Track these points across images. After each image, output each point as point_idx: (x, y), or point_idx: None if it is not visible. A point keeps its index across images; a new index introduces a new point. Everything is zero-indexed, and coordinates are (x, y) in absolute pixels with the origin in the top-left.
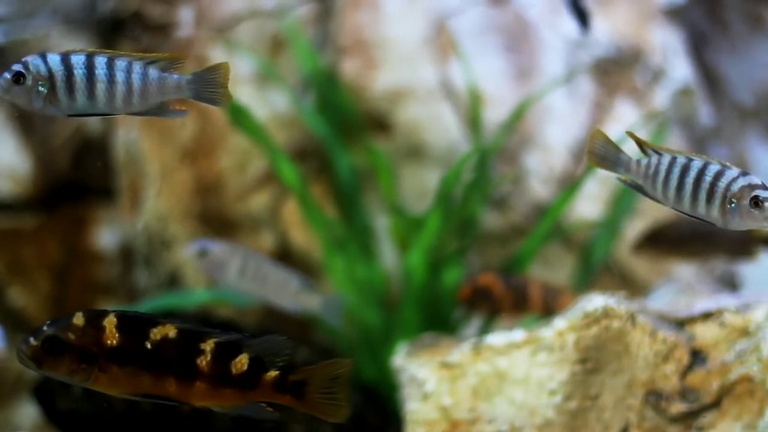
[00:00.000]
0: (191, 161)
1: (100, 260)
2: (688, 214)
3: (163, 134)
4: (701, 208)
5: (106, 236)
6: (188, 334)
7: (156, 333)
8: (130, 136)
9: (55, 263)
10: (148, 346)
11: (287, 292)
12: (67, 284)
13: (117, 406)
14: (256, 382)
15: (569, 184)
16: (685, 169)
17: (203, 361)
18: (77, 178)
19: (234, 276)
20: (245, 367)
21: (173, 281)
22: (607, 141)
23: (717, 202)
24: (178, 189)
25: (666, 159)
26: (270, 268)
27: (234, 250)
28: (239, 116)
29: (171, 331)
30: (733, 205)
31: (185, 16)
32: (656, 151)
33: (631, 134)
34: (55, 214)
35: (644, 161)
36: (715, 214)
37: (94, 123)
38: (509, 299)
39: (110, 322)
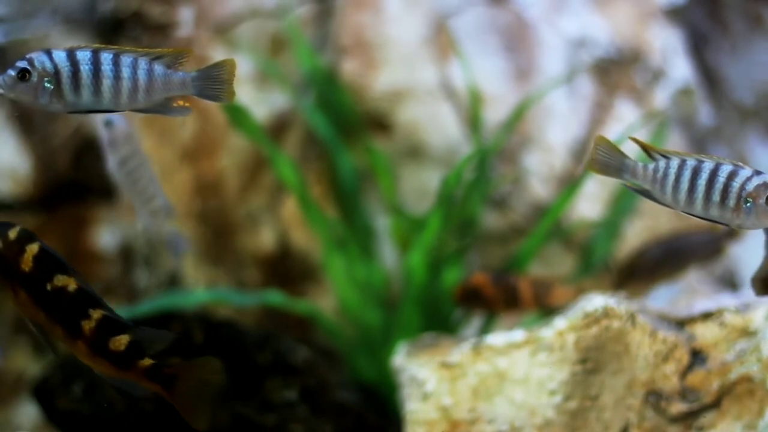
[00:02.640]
0: (191, 161)
1: (100, 260)
2: (699, 217)
3: (163, 134)
4: (714, 210)
5: (106, 236)
6: (83, 296)
7: (59, 280)
8: None
9: None
10: (48, 287)
11: (149, 205)
12: None
13: (117, 406)
14: (130, 365)
15: (569, 184)
16: (696, 171)
17: (87, 326)
18: (77, 178)
19: (115, 161)
20: (122, 348)
21: (173, 281)
22: (611, 147)
23: (731, 202)
24: (178, 189)
25: (675, 162)
26: (147, 174)
27: (128, 140)
28: (238, 117)
29: (71, 285)
30: (748, 204)
31: (185, 16)
32: (663, 155)
33: (635, 140)
34: (55, 214)
35: (651, 166)
36: (728, 216)
37: (94, 123)
38: (500, 298)
39: (32, 250)
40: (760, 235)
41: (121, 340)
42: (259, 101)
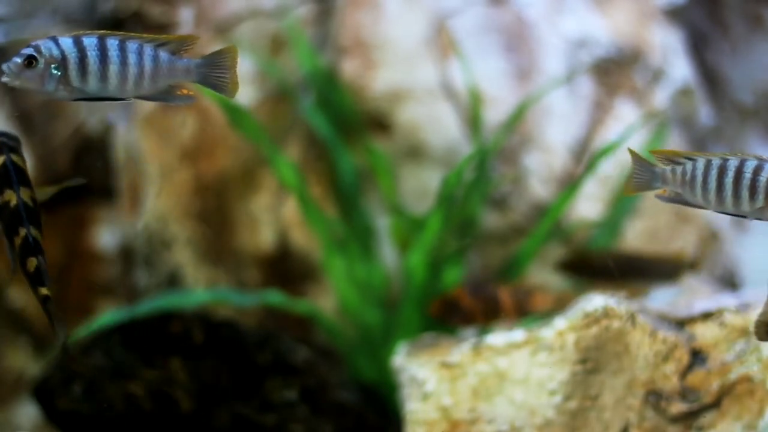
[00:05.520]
0: (191, 161)
1: (100, 260)
2: (732, 214)
3: (163, 134)
4: (744, 207)
5: (106, 236)
6: (15, 215)
7: (6, 195)
8: (130, 136)
9: (55, 263)
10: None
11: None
12: (67, 284)
13: (117, 406)
14: (34, 288)
15: (569, 184)
16: (722, 170)
17: (16, 242)
18: (77, 177)
19: None
20: (31, 270)
21: (173, 281)
22: (639, 158)
23: (760, 197)
24: (178, 189)
25: (701, 163)
26: None
27: None
28: (238, 117)
29: (13, 201)
30: None
31: (185, 16)
32: (689, 157)
33: (658, 151)
34: (55, 214)
35: (679, 169)
36: (759, 211)
37: (94, 122)
38: (479, 309)
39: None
40: (759, 237)
41: (32, 262)
42: (259, 101)
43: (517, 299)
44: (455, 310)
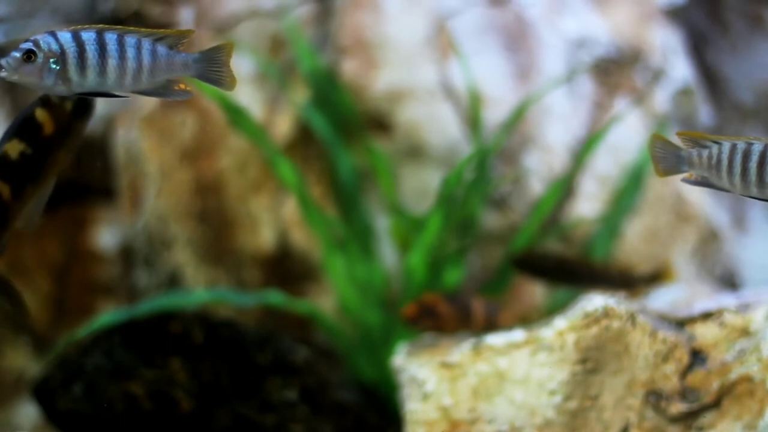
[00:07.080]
0: (191, 161)
1: (100, 260)
2: (758, 198)
3: (163, 134)
4: None
5: (106, 236)
6: None
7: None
8: (130, 136)
9: (55, 263)
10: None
11: None
12: (67, 284)
13: (117, 406)
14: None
15: (559, 180)
16: (746, 155)
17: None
18: (77, 178)
19: None
20: None
21: (173, 281)
22: (666, 143)
23: None
24: (178, 189)
25: (726, 147)
26: None
27: None
28: (238, 117)
29: None
30: None
31: (185, 16)
32: (715, 141)
33: (683, 133)
34: (55, 214)
35: (705, 152)
36: None
37: (94, 122)
38: (453, 317)
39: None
40: (759, 237)
41: None
42: (259, 101)
43: (487, 311)
44: (431, 316)
